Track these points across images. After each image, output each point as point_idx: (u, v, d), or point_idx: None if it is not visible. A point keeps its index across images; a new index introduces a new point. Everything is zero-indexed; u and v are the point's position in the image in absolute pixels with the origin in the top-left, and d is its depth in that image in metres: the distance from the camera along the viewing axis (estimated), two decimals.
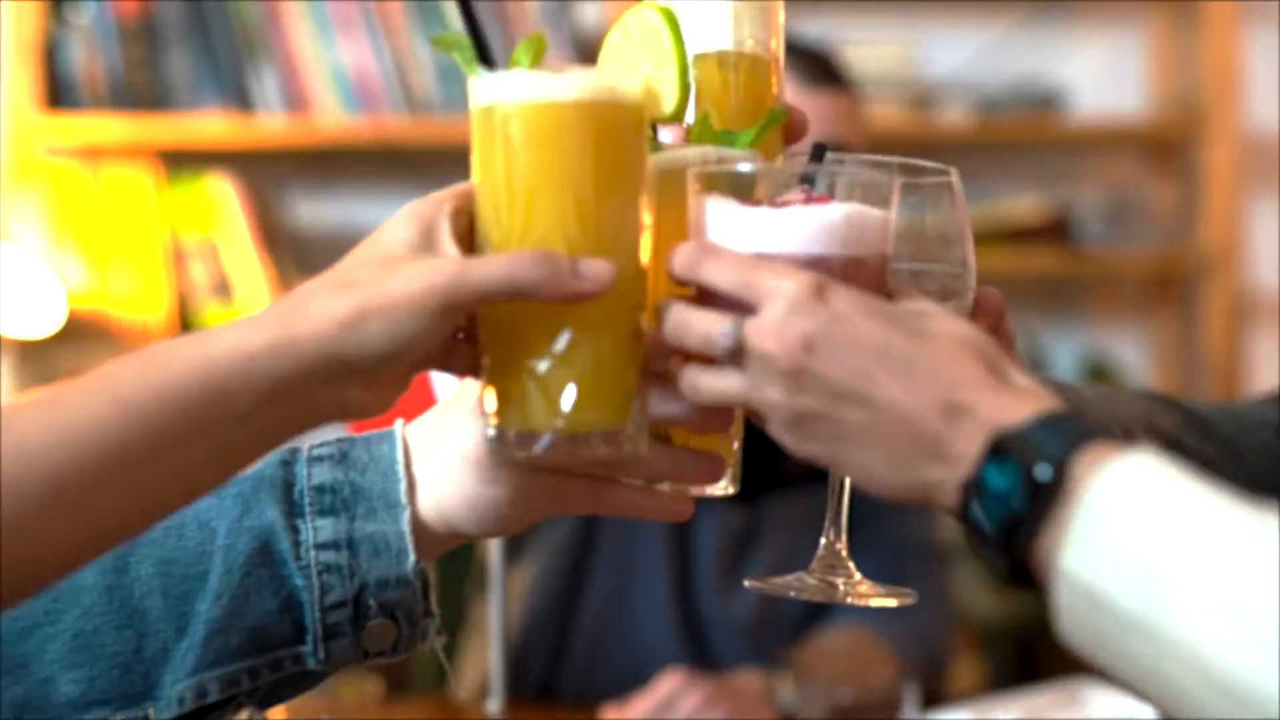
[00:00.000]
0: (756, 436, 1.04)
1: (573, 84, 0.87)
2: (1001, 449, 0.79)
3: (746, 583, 1.01)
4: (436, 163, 3.22)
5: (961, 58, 3.53)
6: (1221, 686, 0.71)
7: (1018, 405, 0.80)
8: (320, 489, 0.96)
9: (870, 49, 3.36)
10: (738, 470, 0.97)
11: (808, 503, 1.99)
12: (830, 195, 0.91)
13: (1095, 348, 3.44)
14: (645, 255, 0.90)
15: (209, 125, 3.20)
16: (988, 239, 3.28)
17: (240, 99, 3.25)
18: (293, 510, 0.96)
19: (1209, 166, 3.31)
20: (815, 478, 1.60)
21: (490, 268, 0.85)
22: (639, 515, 0.98)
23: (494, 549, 1.48)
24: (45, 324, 3.05)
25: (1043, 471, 0.77)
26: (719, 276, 0.87)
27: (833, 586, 0.97)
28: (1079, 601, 0.76)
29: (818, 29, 3.30)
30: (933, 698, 1.86)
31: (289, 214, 3.46)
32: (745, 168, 0.91)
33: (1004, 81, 3.45)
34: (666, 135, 0.98)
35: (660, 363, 0.92)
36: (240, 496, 0.98)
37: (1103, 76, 3.54)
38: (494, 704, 1.47)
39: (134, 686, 0.97)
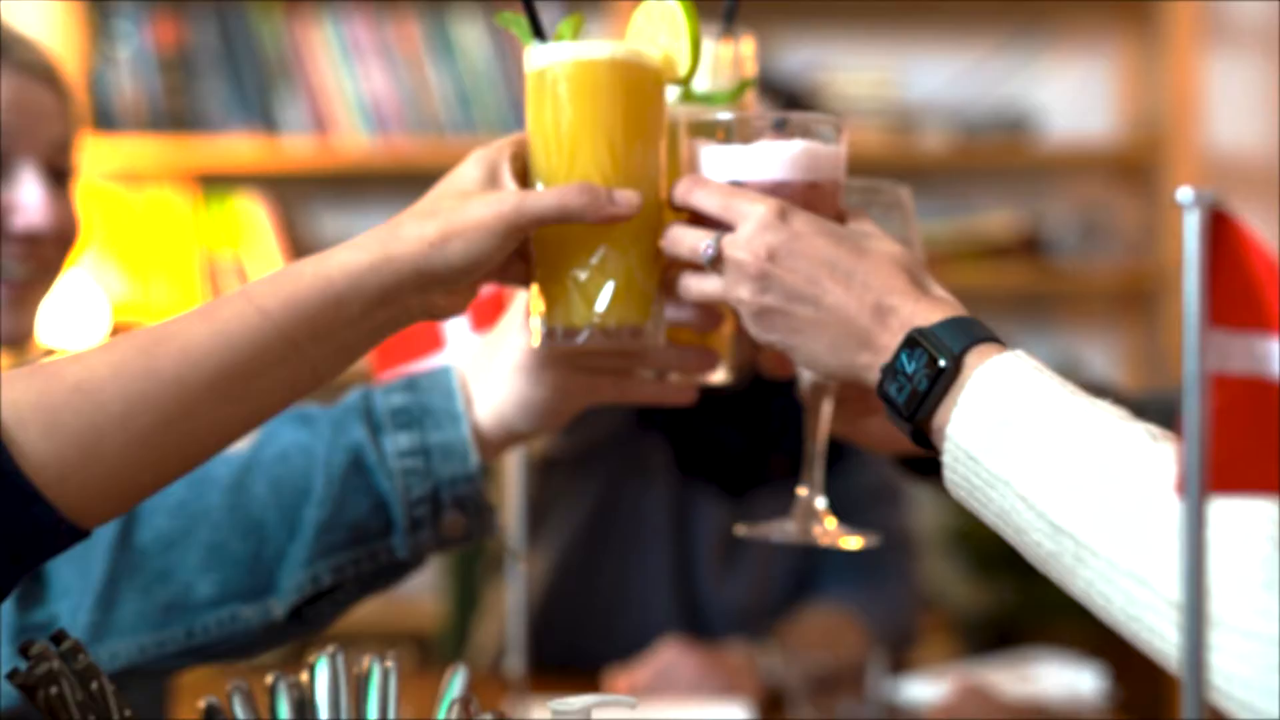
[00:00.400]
0: (748, 446, 1.22)
1: (607, 51, 1.07)
2: (914, 343, 0.97)
3: (737, 530, 1.19)
4: None
5: (940, 84, 3.58)
6: (1049, 522, 0.89)
7: (931, 310, 0.99)
8: (395, 411, 1.15)
9: (854, 75, 3.45)
10: (731, 363, 1.16)
11: (790, 499, 2.14)
12: (793, 133, 1.08)
13: (1066, 356, 3.51)
14: (664, 189, 1.09)
15: (240, 148, 3.31)
16: (965, 254, 3.38)
17: (268, 123, 3.35)
18: (376, 429, 1.15)
19: (1172, 186, 3.34)
20: (791, 474, 1.80)
21: (544, 197, 1.04)
22: (655, 402, 1.17)
23: (514, 524, 1.64)
24: (90, 334, 3.13)
25: (943, 360, 0.96)
26: (705, 202, 1.06)
27: (809, 531, 1.15)
28: (958, 459, 0.95)
29: (805, 57, 3.46)
30: (900, 668, 1.98)
31: (313, 230, 3.52)
32: (724, 117, 1.10)
33: (980, 106, 3.51)
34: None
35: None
36: (333, 423, 1.16)
37: (1073, 101, 3.59)
38: (514, 659, 1.63)
39: (258, 585, 1.16)
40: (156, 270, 3.29)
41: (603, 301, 1.07)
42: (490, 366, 1.16)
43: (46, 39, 3.22)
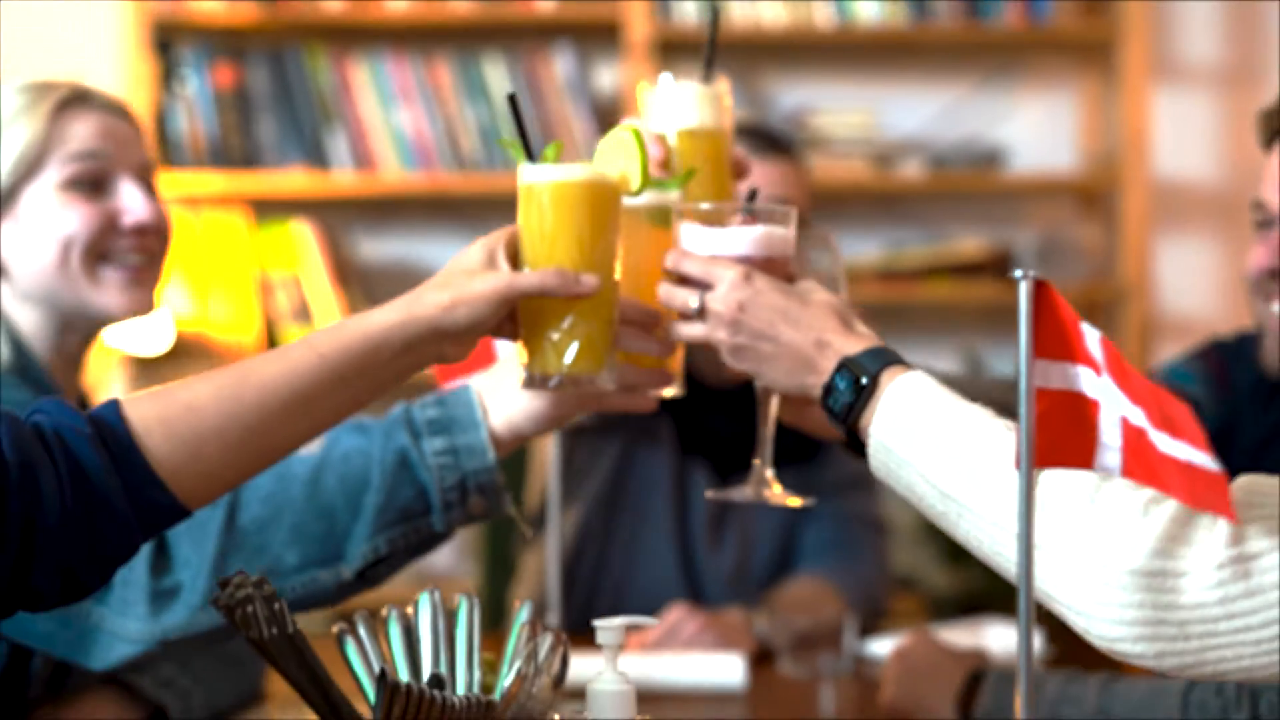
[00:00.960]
0: (737, 435, 1.48)
1: (578, 174, 1.39)
2: (844, 367, 1.28)
3: (707, 494, 1.53)
4: (479, 210, 3.61)
5: (917, 122, 3.74)
6: (939, 490, 1.19)
7: (857, 343, 1.30)
8: (430, 421, 1.47)
9: (840, 115, 3.63)
10: (680, 381, 1.46)
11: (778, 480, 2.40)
12: (756, 220, 1.41)
13: None
14: (618, 273, 1.39)
15: (291, 179, 3.50)
16: (940, 273, 3.60)
17: (317, 157, 3.53)
18: (416, 435, 1.46)
19: (1125, 212, 3.52)
20: (779, 464, 2.07)
21: (530, 278, 1.36)
22: (626, 410, 1.48)
23: (553, 486, 1.89)
24: (157, 345, 3.35)
25: (865, 379, 1.27)
26: (691, 269, 1.39)
27: (760, 493, 1.47)
28: (878, 451, 1.25)
29: (797, 99, 3.67)
30: (870, 629, 2.21)
31: (357, 253, 3.71)
32: (705, 207, 1.43)
33: (954, 142, 3.69)
34: None
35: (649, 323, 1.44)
36: (383, 431, 1.48)
37: (1037, 137, 3.75)
38: (553, 617, 1.88)
39: (331, 554, 1.48)
40: (216, 288, 3.49)
41: (569, 356, 1.37)
42: (503, 385, 1.47)
43: (119, 82, 3.45)
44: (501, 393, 1.47)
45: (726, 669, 1.98)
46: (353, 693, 1.24)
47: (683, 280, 1.39)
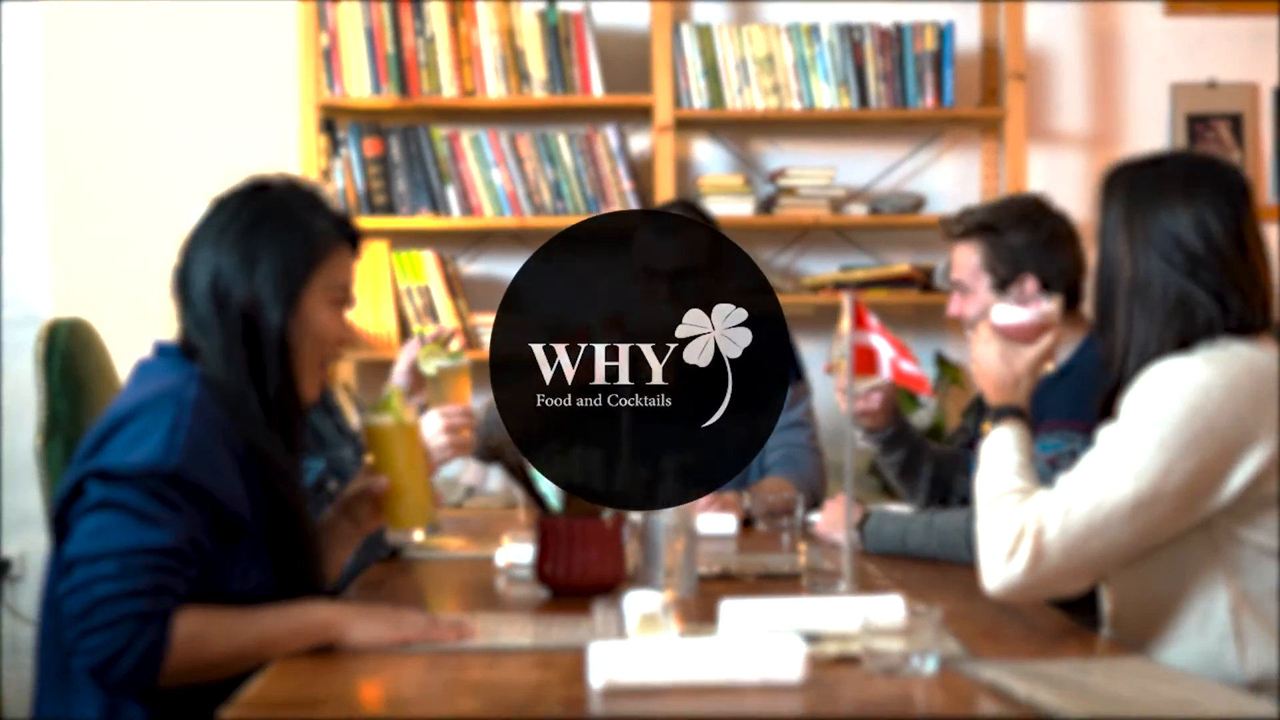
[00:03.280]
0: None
1: (375, 420, 2.08)
2: (993, 408, 2.08)
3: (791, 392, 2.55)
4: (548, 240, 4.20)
5: (864, 177, 4.28)
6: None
7: (1008, 398, 2.08)
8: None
9: (807, 172, 4.15)
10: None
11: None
12: (1026, 305, 2.17)
13: (945, 353, 4.24)
14: (405, 470, 2.08)
15: (419, 220, 4.02)
16: (879, 285, 4.10)
17: (437, 205, 4.05)
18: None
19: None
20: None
21: (357, 483, 2.12)
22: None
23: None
24: None
25: (993, 417, 2.06)
26: (979, 327, 2.19)
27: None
28: (983, 445, 2.08)
29: (774, 160, 4.23)
30: (810, 508, 3.01)
31: (463, 271, 4.25)
32: (1014, 297, 2.30)
33: (890, 191, 4.23)
34: None
35: None
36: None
37: (949, 188, 4.29)
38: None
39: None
40: (365, 297, 3.98)
41: (395, 518, 2.09)
42: None
43: (296, 152, 4.06)
44: None
45: (724, 524, 2.81)
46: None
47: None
